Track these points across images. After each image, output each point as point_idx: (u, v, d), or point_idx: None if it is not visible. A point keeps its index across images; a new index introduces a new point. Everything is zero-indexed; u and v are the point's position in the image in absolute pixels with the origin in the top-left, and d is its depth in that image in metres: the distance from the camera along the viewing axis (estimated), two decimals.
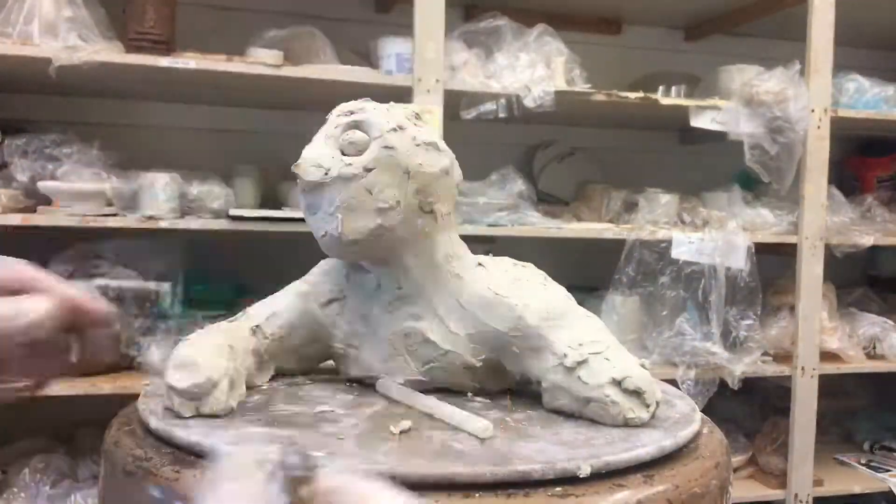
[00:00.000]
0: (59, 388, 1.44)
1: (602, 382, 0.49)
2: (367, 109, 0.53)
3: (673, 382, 1.69)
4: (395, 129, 0.52)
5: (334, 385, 0.57)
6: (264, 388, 0.54)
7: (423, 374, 0.55)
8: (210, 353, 0.50)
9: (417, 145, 0.53)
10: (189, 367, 0.48)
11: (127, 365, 1.54)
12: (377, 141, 0.51)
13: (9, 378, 0.53)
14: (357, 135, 0.51)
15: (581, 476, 0.42)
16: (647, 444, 0.46)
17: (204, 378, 0.47)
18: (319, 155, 0.51)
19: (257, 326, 0.55)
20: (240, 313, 0.56)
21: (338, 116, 0.53)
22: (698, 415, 0.54)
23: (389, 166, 0.51)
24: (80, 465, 1.57)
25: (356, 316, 0.55)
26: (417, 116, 0.54)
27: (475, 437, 0.46)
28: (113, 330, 0.47)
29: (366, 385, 0.56)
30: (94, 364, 0.50)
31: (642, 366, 0.52)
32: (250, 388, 0.53)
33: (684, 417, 0.53)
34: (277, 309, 0.55)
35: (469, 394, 0.56)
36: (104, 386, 1.46)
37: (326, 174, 0.51)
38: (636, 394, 0.49)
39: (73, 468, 1.56)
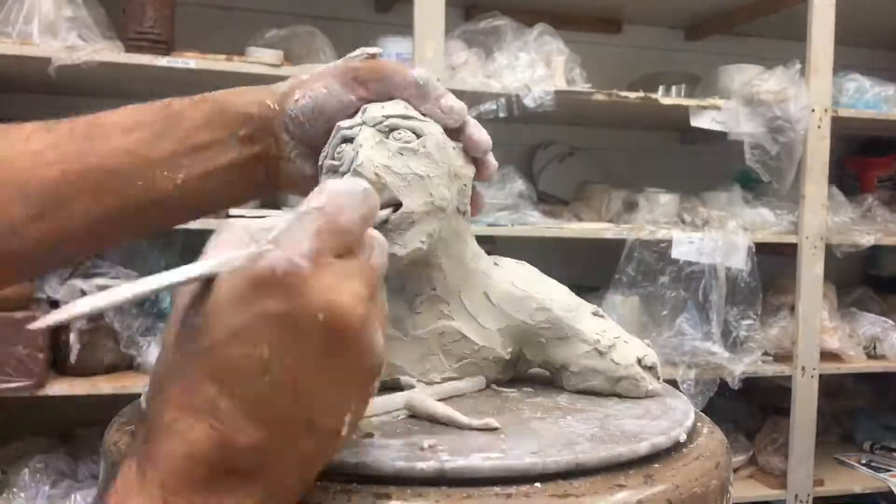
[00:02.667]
0: (59, 388, 1.44)
1: (631, 362, 0.56)
2: (406, 110, 0.53)
3: (673, 382, 1.69)
4: (442, 132, 0.53)
5: None
6: None
7: (456, 370, 0.56)
8: None
9: (453, 147, 0.54)
10: None
11: (127, 365, 1.54)
12: (432, 144, 0.51)
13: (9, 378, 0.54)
14: (409, 135, 0.51)
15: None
16: (642, 442, 0.46)
17: None
18: (382, 160, 0.50)
19: None
20: None
21: (376, 116, 0.52)
22: (693, 411, 0.54)
23: (444, 171, 0.52)
24: (80, 465, 1.57)
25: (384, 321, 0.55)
26: None
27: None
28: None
29: (386, 388, 0.55)
30: None
31: (649, 345, 0.59)
32: None
33: (683, 415, 0.53)
34: None
35: (492, 385, 0.58)
36: (104, 386, 1.46)
37: (392, 180, 0.50)
38: (651, 368, 0.57)
39: (73, 468, 1.56)
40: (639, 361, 0.57)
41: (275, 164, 0.53)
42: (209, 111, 0.50)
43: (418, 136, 0.51)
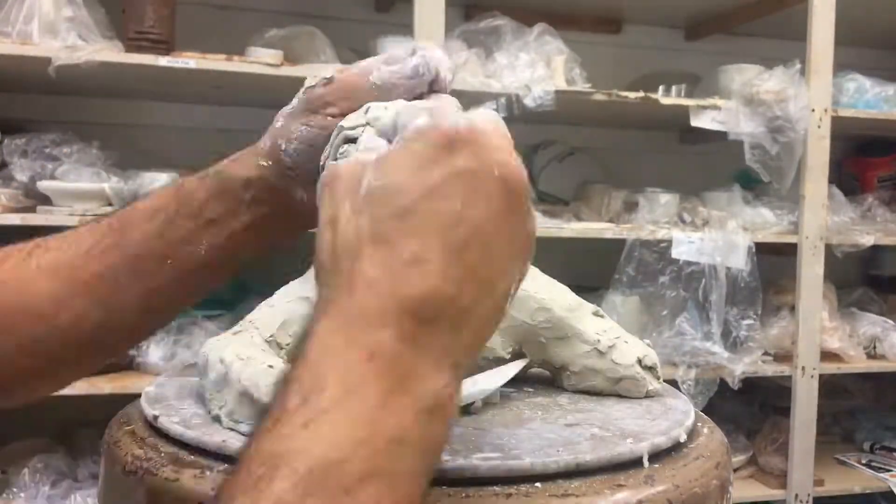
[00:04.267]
0: None
1: (631, 362, 0.56)
2: (397, 107, 0.52)
3: (673, 382, 1.69)
4: None
5: None
6: None
7: None
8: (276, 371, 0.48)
9: None
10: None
11: (127, 365, 1.54)
12: None
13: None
14: None
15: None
16: (642, 442, 0.46)
17: None
18: None
19: (271, 336, 0.52)
20: (243, 322, 0.54)
21: (380, 115, 0.51)
22: (693, 411, 0.54)
23: None
24: (80, 465, 1.57)
25: None
26: None
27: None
28: None
29: None
30: None
31: (649, 345, 0.59)
32: None
33: (683, 415, 0.53)
34: (288, 317, 0.53)
35: None
36: (104, 386, 1.46)
37: None
38: (652, 369, 0.57)
39: (72, 468, 1.56)
40: (639, 361, 0.56)
41: (288, 212, 0.55)
42: (213, 186, 0.54)
43: None
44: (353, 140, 0.51)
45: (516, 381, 0.59)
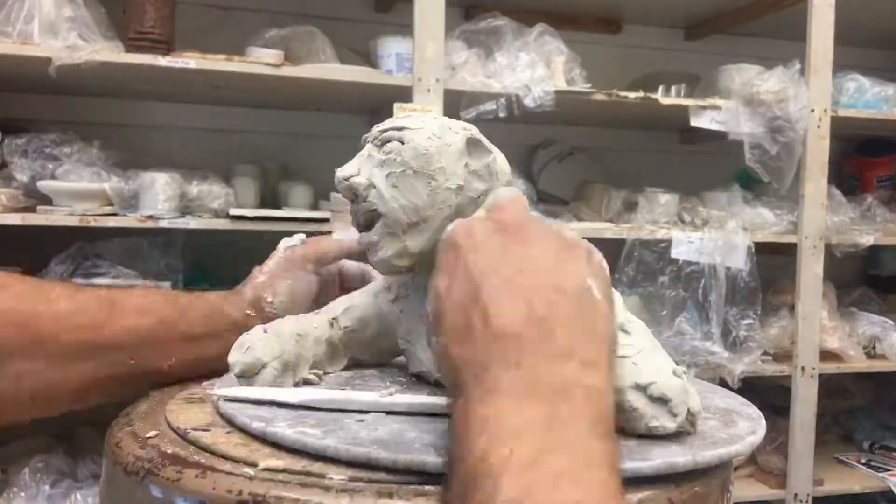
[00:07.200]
0: None
1: (623, 387, 0.46)
2: (403, 122, 0.54)
3: None
4: (430, 137, 0.52)
5: (395, 377, 0.60)
6: (331, 374, 0.59)
7: None
8: (268, 337, 0.54)
9: (466, 165, 0.53)
10: (243, 348, 0.53)
11: None
12: (409, 152, 0.52)
13: None
14: (395, 145, 0.52)
15: None
16: (657, 458, 0.44)
17: (253, 359, 0.53)
18: (365, 172, 0.53)
19: (334, 318, 0.60)
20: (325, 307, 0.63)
21: (374, 131, 0.54)
22: (751, 440, 0.49)
23: (427, 178, 0.52)
24: (80, 465, 1.57)
25: (415, 315, 0.56)
26: (470, 138, 0.53)
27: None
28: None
29: (422, 379, 0.58)
30: None
31: (676, 373, 0.48)
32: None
33: (730, 438, 0.48)
34: (353, 303, 0.60)
35: None
36: None
37: (365, 192, 0.52)
38: (662, 401, 0.46)
39: (73, 468, 1.56)
40: (642, 389, 0.46)
41: None
42: (206, 311, 0.61)
43: (405, 142, 0.52)
44: (392, 138, 0.53)
45: None
